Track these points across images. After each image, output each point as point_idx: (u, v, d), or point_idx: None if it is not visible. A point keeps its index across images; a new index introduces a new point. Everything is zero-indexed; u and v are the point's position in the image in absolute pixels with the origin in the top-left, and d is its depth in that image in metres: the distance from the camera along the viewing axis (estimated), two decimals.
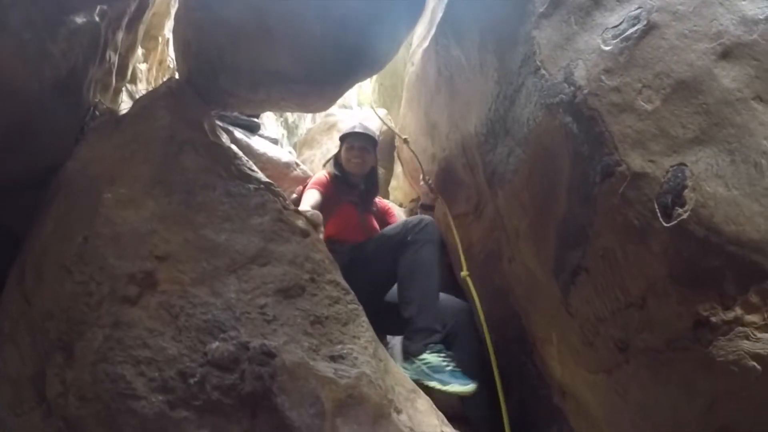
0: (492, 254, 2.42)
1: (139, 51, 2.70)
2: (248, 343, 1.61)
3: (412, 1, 2.27)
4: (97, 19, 1.97)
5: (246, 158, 2.17)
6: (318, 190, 2.91)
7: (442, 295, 2.67)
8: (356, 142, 3.06)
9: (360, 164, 3.05)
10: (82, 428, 1.58)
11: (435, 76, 2.76)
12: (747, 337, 1.34)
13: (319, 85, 2.17)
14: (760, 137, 1.38)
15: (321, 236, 2.20)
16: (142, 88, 2.72)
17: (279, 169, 2.76)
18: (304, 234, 1.95)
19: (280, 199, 2.03)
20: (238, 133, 2.83)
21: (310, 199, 2.83)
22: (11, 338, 1.81)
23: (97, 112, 2.20)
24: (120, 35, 2.28)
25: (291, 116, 4.83)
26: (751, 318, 1.34)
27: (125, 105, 2.55)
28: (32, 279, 1.84)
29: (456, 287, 2.83)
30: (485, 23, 2.28)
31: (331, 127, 3.97)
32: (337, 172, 3.04)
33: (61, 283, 1.75)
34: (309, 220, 2.02)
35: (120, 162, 1.94)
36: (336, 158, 3.14)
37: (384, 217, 3.24)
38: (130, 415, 1.54)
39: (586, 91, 1.64)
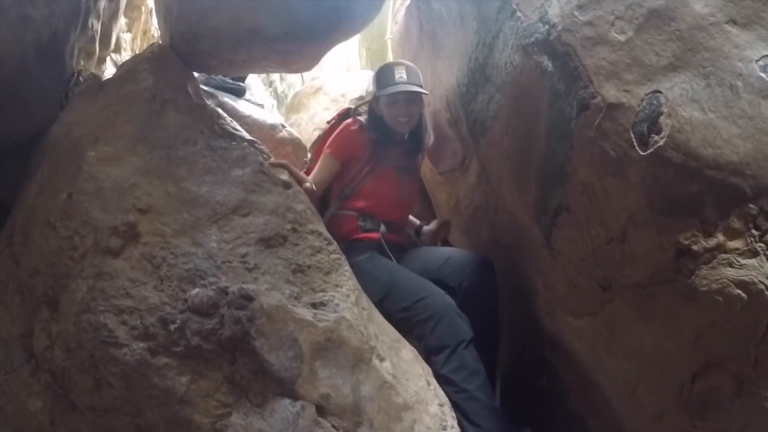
0: (479, 208, 2.34)
1: (123, 21, 2.61)
2: (227, 288, 1.55)
3: None
4: None
5: (230, 119, 2.08)
6: (339, 158, 2.35)
7: (454, 250, 2.43)
8: (401, 95, 2.33)
9: (407, 123, 2.37)
10: (68, 379, 1.56)
11: (417, 32, 2.66)
12: (730, 264, 1.28)
13: (299, 43, 2.08)
14: (734, 59, 1.30)
15: (310, 187, 2.08)
16: (126, 57, 2.62)
17: (265, 131, 2.67)
18: (286, 185, 1.87)
19: (264, 155, 1.94)
20: (224, 97, 2.74)
21: (326, 170, 2.34)
22: (0, 299, 1.77)
23: (81, 78, 2.12)
24: (102, 3, 2.21)
25: (280, 86, 4.75)
26: (733, 244, 1.28)
27: (110, 73, 2.45)
28: (20, 240, 1.80)
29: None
30: None
31: (318, 90, 3.87)
32: (375, 135, 2.37)
33: (47, 239, 1.70)
34: (292, 174, 1.93)
35: (104, 122, 1.87)
36: (372, 112, 2.42)
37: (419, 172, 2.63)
38: (112, 364, 1.50)
39: (560, 28, 1.56)
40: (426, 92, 2.39)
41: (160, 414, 1.46)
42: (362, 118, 2.44)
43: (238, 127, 2.07)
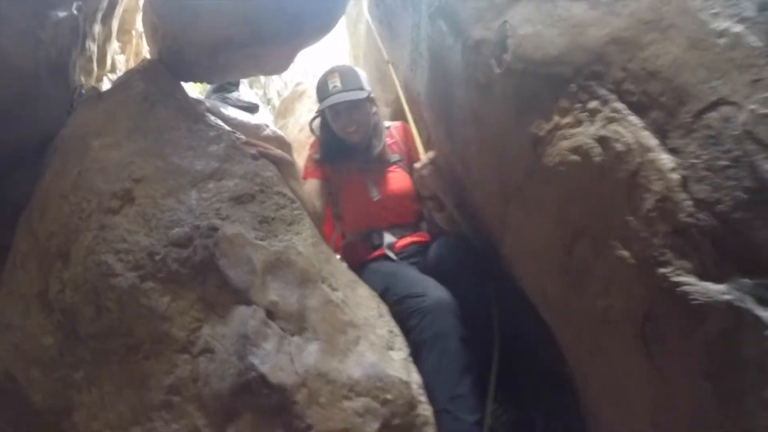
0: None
1: (116, 44, 3.39)
2: (199, 224, 2.17)
3: None
4: (75, 12, 2.65)
5: (213, 116, 2.78)
6: (314, 176, 2.80)
7: (442, 237, 2.67)
8: (340, 106, 2.64)
9: (357, 131, 2.68)
10: (76, 312, 2.11)
11: (379, 26, 3.34)
12: (565, 137, 1.66)
13: (269, 46, 2.71)
14: None
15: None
16: None
17: (249, 130, 3.29)
18: (255, 158, 2.52)
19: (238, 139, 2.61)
20: (211, 103, 3.43)
21: (312, 190, 2.71)
22: (22, 266, 2.37)
23: (83, 91, 2.86)
24: (96, 27, 2.96)
25: (269, 93, 5.52)
26: (565, 120, 1.67)
27: None
28: (37, 217, 2.41)
29: None
30: None
31: (302, 94, 4.60)
32: (322, 156, 2.73)
33: (60, 208, 2.32)
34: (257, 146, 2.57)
35: (104, 121, 2.55)
36: (324, 125, 2.77)
37: (408, 146, 2.87)
38: (109, 290, 2.07)
39: None
40: (362, 96, 2.61)
41: (146, 330, 2.02)
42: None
43: (220, 122, 2.76)
